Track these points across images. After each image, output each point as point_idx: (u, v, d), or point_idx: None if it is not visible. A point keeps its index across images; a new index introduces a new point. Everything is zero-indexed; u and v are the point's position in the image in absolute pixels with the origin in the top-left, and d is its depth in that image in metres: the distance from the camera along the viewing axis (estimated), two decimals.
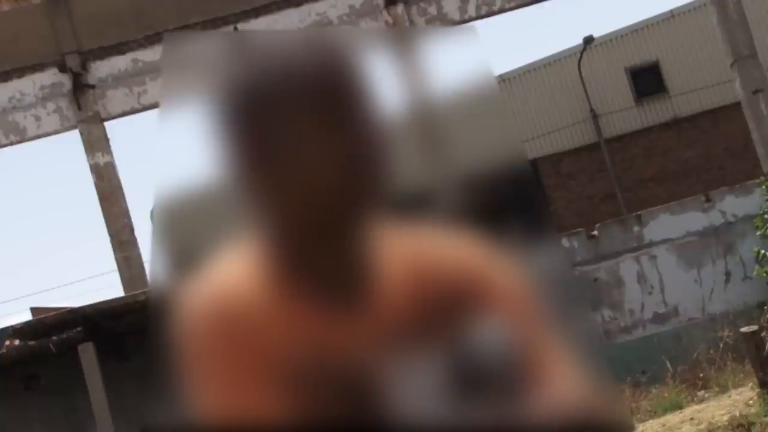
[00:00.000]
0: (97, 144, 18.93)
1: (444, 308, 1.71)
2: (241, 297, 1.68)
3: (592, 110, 28.25)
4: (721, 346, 15.99)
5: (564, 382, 1.73)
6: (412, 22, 19.15)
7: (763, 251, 17.06)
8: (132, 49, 19.11)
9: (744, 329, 12.74)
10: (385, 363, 1.66)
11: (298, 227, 1.66)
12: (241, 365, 1.64)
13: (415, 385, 1.66)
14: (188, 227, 1.74)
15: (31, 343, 14.15)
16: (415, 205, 1.77)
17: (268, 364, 1.64)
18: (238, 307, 1.67)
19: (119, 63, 19.15)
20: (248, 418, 1.62)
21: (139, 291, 14.79)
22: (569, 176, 28.41)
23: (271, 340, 1.66)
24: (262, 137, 1.63)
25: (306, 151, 1.62)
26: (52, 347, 13.93)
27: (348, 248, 1.68)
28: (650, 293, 18.17)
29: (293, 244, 1.68)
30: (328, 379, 1.64)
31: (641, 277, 18.20)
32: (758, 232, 17.27)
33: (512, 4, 19.60)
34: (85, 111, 18.95)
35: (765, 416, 11.59)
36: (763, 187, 17.29)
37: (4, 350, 14.30)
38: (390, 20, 19.16)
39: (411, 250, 1.74)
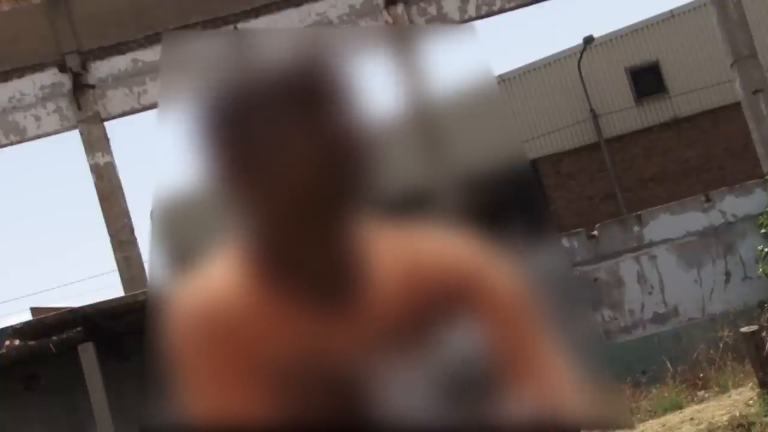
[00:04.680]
0: (97, 144, 18.92)
1: (433, 309, 1.71)
2: (229, 299, 1.69)
3: (592, 110, 28.24)
4: (721, 346, 15.99)
5: (549, 382, 1.73)
6: (412, 22, 19.15)
7: (766, 249, 17.09)
8: (132, 49, 19.11)
9: (744, 329, 12.74)
10: (373, 364, 1.66)
11: (281, 228, 1.66)
12: (228, 367, 1.65)
13: (402, 386, 1.66)
14: (186, 228, 1.74)
15: (31, 343, 14.14)
16: (414, 204, 1.77)
17: (255, 365, 1.65)
18: (226, 310, 1.68)
19: (119, 63, 19.14)
20: (236, 418, 1.63)
21: (139, 291, 14.78)
22: (569, 176, 28.41)
23: (259, 341, 1.66)
24: (242, 139, 1.63)
25: (284, 152, 1.62)
26: (52, 347, 13.92)
27: (334, 248, 1.68)
28: (650, 293, 18.16)
29: (278, 245, 1.68)
30: (316, 380, 1.65)
31: (641, 277, 18.20)
32: (762, 230, 17.30)
33: (512, 4, 19.60)
34: (85, 111, 18.94)
35: (765, 416, 11.59)
36: None
37: (4, 350, 14.29)
38: (390, 20, 19.15)
39: (402, 250, 1.74)
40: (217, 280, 1.70)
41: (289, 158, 1.61)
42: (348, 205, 1.66)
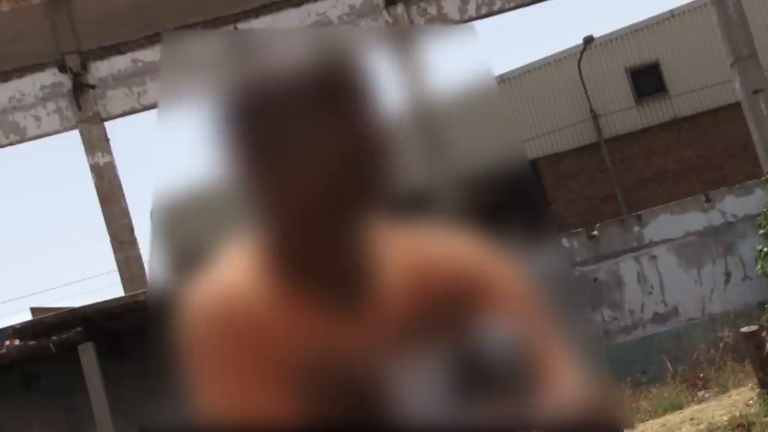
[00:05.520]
0: (97, 144, 18.92)
1: (446, 307, 1.72)
2: (244, 297, 1.68)
3: (592, 110, 28.24)
4: (721, 346, 16.00)
5: (567, 380, 1.73)
6: (412, 22, 19.14)
7: (765, 249, 17.09)
8: (132, 49, 19.10)
9: (744, 329, 12.74)
10: (388, 362, 1.66)
11: (297, 226, 1.66)
12: (244, 365, 1.65)
13: (419, 384, 1.66)
14: (188, 227, 1.74)
15: (31, 343, 14.14)
16: (416, 205, 1.77)
17: (271, 364, 1.65)
18: (241, 308, 1.68)
19: (119, 63, 19.14)
20: (252, 417, 1.63)
21: (139, 291, 14.77)
22: (569, 176, 28.40)
23: (274, 340, 1.66)
24: (260, 137, 1.64)
25: (303, 151, 1.62)
26: (52, 347, 13.92)
27: (349, 247, 1.68)
28: (650, 293, 18.16)
29: (294, 244, 1.68)
30: (332, 379, 1.65)
31: (641, 277, 18.20)
32: (761, 230, 17.30)
33: (512, 4, 19.59)
34: (85, 111, 18.94)
35: (765, 416, 11.58)
36: None
37: (4, 350, 14.29)
38: (390, 20, 19.15)
39: (413, 250, 1.75)
40: (232, 278, 1.70)
41: (308, 159, 1.62)
42: (364, 206, 1.66)
